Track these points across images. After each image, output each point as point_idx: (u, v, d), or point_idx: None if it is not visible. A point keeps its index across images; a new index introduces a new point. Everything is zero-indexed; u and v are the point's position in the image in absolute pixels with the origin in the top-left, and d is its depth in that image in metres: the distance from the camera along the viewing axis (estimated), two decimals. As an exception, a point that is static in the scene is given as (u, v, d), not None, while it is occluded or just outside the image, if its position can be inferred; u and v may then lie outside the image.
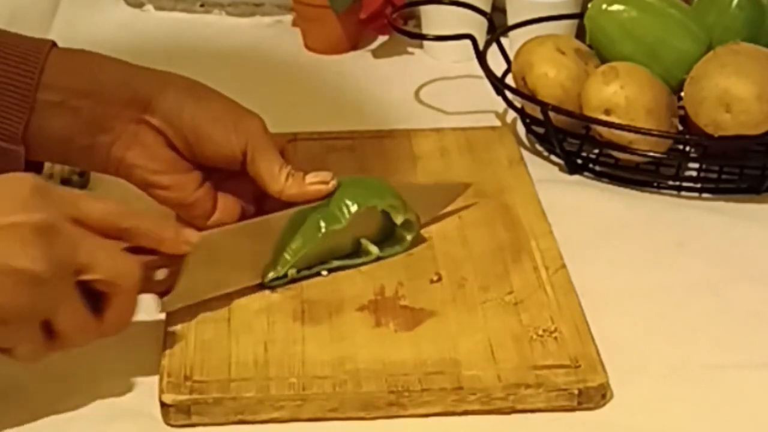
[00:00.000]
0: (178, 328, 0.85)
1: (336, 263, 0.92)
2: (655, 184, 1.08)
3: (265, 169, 0.90)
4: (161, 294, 0.84)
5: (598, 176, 1.09)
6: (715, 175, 1.09)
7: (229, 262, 0.87)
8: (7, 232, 0.74)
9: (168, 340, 0.84)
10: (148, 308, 0.86)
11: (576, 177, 1.09)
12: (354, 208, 0.91)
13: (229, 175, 0.92)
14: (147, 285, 0.81)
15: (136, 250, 0.80)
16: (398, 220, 0.93)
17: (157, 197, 0.91)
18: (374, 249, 0.93)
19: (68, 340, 0.78)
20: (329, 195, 0.91)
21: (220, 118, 0.90)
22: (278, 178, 0.91)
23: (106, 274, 0.77)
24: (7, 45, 0.87)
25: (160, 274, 0.82)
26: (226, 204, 0.92)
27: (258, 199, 0.93)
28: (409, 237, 0.94)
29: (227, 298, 0.89)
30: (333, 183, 0.92)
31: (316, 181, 0.91)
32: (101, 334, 0.79)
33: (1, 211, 0.75)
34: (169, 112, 0.89)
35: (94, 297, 0.78)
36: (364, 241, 0.93)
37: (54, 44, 0.89)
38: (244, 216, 0.93)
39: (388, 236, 0.94)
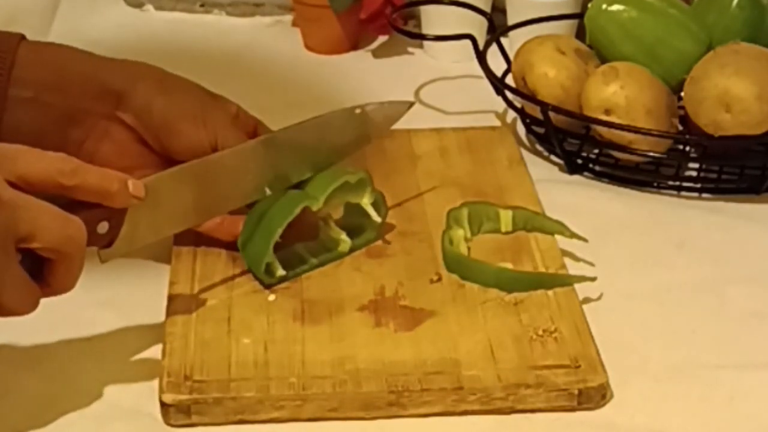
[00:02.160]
0: (178, 328, 0.85)
1: (315, 261, 0.92)
2: (655, 184, 1.08)
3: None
4: (103, 246, 0.81)
5: (598, 176, 1.09)
6: (715, 175, 1.09)
7: (169, 207, 0.84)
8: None
9: (168, 340, 0.84)
10: (149, 308, 0.86)
11: (576, 177, 1.09)
12: (329, 189, 0.91)
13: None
14: (89, 239, 0.78)
15: (76, 202, 0.77)
16: (367, 199, 0.94)
17: None
18: (345, 238, 0.93)
19: (10, 311, 0.74)
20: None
21: (189, 113, 0.90)
22: None
23: (50, 242, 0.74)
24: None
25: (102, 227, 0.79)
26: None
27: None
28: (378, 218, 0.94)
29: (227, 298, 0.89)
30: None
31: None
32: (46, 297, 0.76)
33: None
34: (139, 107, 0.89)
35: (36, 259, 0.75)
36: (335, 230, 0.93)
37: (23, 37, 0.88)
38: None
39: (357, 227, 0.95)
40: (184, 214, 0.86)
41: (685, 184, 1.07)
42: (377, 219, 0.95)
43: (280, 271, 0.90)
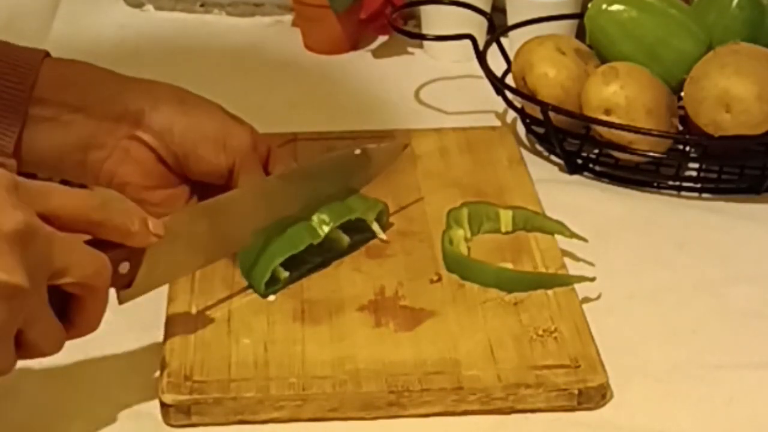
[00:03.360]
0: (178, 328, 0.85)
1: (319, 259, 0.93)
2: (655, 184, 1.08)
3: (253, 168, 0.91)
4: (123, 287, 0.80)
5: (598, 176, 1.09)
6: (715, 175, 1.09)
7: (186, 246, 0.84)
8: None
9: (168, 340, 0.84)
10: (149, 309, 0.86)
11: (576, 177, 1.09)
12: (330, 226, 0.92)
13: (215, 186, 0.92)
14: (111, 280, 0.77)
15: (97, 242, 0.77)
16: (371, 220, 0.95)
17: (148, 212, 0.90)
18: (343, 235, 0.94)
19: (38, 350, 0.74)
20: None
21: (210, 136, 0.90)
22: None
23: (80, 277, 0.74)
24: None
25: (123, 267, 0.79)
26: None
27: None
28: (383, 236, 0.96)
29: (227, 299, 0.89)
30: None
31: None
32: (71, 338, 0.76)
33: None
34: (160, 128, 0.89)
35: (61, 298, 0.75)
36: (336, 232, 0.93)
37: (47, 54, 0.88)
38: None
39: (355, 227, 0.95)
40: (200, 253, 0.86)
41: (685, 184, 1.07)
42: (383, 237, 0.96)
43: (284, 274, 0.90)
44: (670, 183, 1.08)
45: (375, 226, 0.95)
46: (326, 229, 0.91)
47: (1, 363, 0.73)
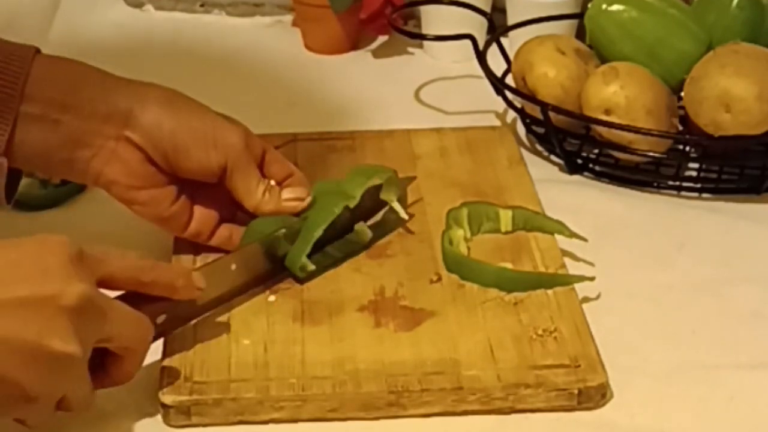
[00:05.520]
0: (178, 329, 0.85)
1: (340, 254, 0.94)
2: (655, 184, 1.08)
3: (243, 185, 0.91)
4: (157, 336, 0.82)
5: (598, 176, 1.09)
6: (715, 175, 1.09)
7: (216, 289, 0.87)
8: (43, 307, 0.71)
9: (168, 340, 0.84)
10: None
11: (576, 177, 1.09)
12: (364, 187, 0.94)
13: (206, 184, 0.92)
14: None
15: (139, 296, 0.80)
16: (394, 196, 0.96)
17: (135, 211, 0.91)
18: (366, 229, 0.95)
19: (71, 408, 0.76)
20: (304, 210, 0.93)
21: (200, 134, 0.90)
22: (255, 194, 0.92)
23: (125, 343, 0.77)
24: None
25: (160, 319, 0.82)
26: (202, 214, 0.93)
27: (234, 203, 0.93)
28: (405, 216, 0.96)
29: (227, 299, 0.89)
30: (308, 200, 0.93)
31: (291, 197, 0.93)
32: (104, 387, 0.79)
33: (36, 279, 0.72)
34: (148, 127, 0.89)
35: (99, 352, 0.77)
36: (359, 226, 0.94)
37: (37, 51, 0.88)
38: (220, 222, 0.93)
39: (371, 212, 0.96)
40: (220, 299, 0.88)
41: (685, 184, 1.07)
42: (404, 216, 0.96)
43: (311, 266, 0.90)
44: (670, 183, 1.07)
45: (396, 205, 0.96)
46: (359, 191, 0.93)
47: (40, 418, 0.76)
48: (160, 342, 0.84)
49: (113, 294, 0.78)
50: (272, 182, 0.93)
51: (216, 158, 0.90)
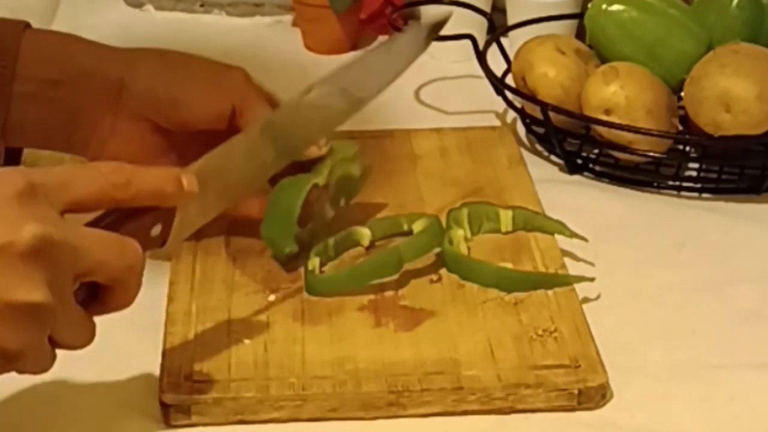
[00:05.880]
0: (178, 328, 0.85)
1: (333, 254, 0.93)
2: (655, 184, 1.08)
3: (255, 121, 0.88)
4: (156, 247, 0.77)
5: (598, 176, 1.09)
6: (715, 175, 1.09)
7: (215, 187, 0.81)
8: None
9: (168, 340, 0.84)
10: (149, 309, 0.86)
11: (576, 177, 1.09)
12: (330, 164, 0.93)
13: (200, 140, 0.88)
14: (143, 245, 0.74)
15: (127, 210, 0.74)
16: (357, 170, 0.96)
17: None
18: (367, 232, 0.95)
19: (69, 347, 0.72)
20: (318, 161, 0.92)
21: (197, 81, 0.88)
22: None
23: (110, 274, 0.71)
24: None
25: (156, 230, 0.76)
26: None
27: None
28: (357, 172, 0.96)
29: (227, 299, 0.89)
30: (325, 148, 0.92)
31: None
32: (104, 314, 0.73)
33: None
34: (143, 92, 0.87)
35: (91, 285, 0.72)
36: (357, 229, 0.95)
37: (27, 25, 0.87)
38: None
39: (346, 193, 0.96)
40: (226, 194, 0.83)
41: (685, 184, 1.07)
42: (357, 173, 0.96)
43: (291, 248, 0.90)
44: (670, 183, 1.07)
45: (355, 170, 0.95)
46: (325, 172, 0.92)
47: (41, 364, 0.71)
48: (160, 342, 0.84)
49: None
50: None
51: (221, 100, 0.88)
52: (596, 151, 1.11)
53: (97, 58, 0.88)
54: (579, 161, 1.11)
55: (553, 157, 1.12)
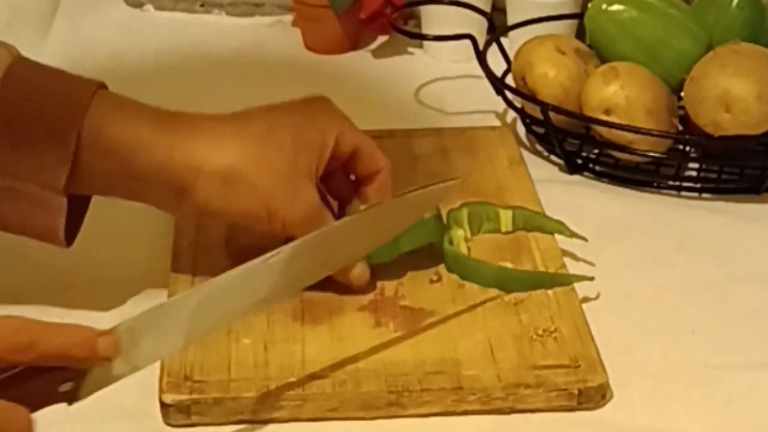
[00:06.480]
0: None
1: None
2: (655, 184, 1.08)
3: None
4: (69, 401, 0.71)
5: (598, 176, 1.09)
6: (715, 175, 1.09)
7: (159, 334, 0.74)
8: None
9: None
10: (148, 307, 0.86)
11: (576, 177, 1.09)
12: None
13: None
14: (50, 398, 0.70)
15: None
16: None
17: None
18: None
19: None
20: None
21: (251, 211, 0.85)
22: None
23: None
24: (49, 94, 0.82)
25: (66, 386, 0.70)
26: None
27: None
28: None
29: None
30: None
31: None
32: None
33: None
34: (200, 206, 0.85)
35: None
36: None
37: (100, 86, 0.85)
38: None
39: None
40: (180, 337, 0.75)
41: (685, 184, 1.07)
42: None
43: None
44: (670, 183, 1.07)
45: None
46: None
47: None
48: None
49: None
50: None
51: (272, 231, 0.86)
52: (596, 151, 1.11)
53: (160, 157, 0.84)
54: (579, 161, 1.11)
55: (553, 157, 1.12)
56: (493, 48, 1.18)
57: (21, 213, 0.84)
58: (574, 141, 1.11)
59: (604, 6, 1.10)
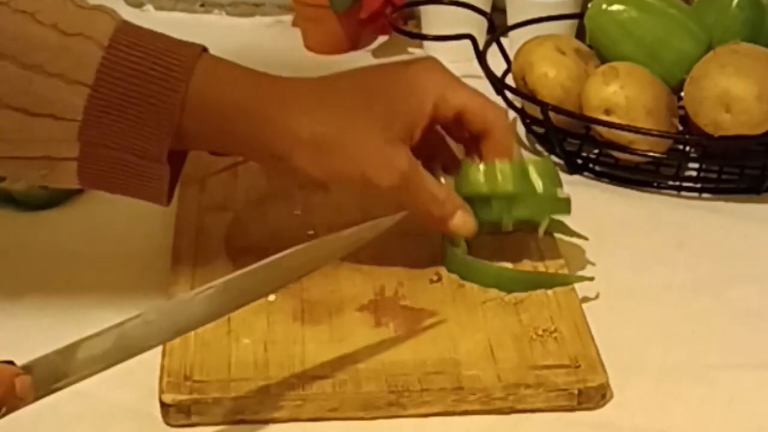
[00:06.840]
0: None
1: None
2: (655, 184, 1.08)
3: (422, 203, 0.87)
4: None
5: (598, 176, 1.09)
6: (715, 175, 1.09)
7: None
8: None
9: (168, 340, 0.84)
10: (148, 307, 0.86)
11: (576, 177, 1.09)
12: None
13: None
14: None
15: None
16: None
17: None
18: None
19: None
20: None
21: (346, 178, 0.86)
22: (440, 204, 0.88)
23: None
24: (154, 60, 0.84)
25: None
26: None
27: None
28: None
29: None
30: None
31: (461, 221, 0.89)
32: None
33: None
34: (299, 172, 0.85)
35: None
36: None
37: (203, 50, 0.86)
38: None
39: None
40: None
41: (685, 184, 1.07)
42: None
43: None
44: (670, 183, 1.08)
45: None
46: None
47: None
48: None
49: None
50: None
51: (375, 197, 0.87)
52: (596, 151, 1.11)
53: (257, 127, 0.85)
54: (579, 161, 1.11)
55: (553, 157, 1.12)
56: (493, 48, 1.18)
57: (123, 180, 0.84)
58: (574, 141, 1.11)
59: (604, 6, 1.10)
